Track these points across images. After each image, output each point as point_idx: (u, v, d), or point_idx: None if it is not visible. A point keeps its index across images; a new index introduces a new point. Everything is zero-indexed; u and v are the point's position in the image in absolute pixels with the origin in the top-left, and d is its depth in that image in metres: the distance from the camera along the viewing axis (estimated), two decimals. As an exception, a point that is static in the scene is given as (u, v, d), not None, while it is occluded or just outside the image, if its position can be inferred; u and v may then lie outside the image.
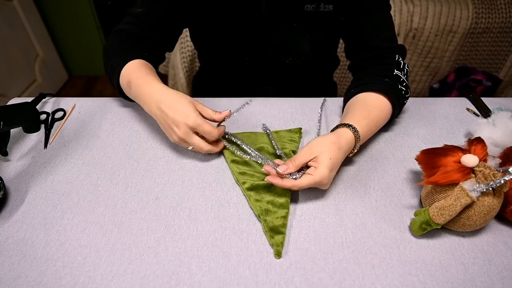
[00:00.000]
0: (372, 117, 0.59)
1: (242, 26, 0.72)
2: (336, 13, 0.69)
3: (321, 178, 0.49)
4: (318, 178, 0.49)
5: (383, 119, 0.63)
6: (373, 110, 0.60)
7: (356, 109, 0.61)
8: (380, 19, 0.70)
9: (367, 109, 0.60)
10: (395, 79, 0.64)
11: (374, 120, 0.60)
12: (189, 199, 0.54)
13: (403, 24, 1.59)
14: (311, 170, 0.51)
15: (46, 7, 2.11)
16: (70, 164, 0.60)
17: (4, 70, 1.85)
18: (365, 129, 0.57)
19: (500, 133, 0.58)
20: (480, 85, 1.70)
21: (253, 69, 0.81)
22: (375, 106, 0.61)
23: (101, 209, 0.52)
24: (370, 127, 0.59)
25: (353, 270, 0.44)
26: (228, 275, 0.44)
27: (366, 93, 0.63)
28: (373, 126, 0.60)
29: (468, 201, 0.44)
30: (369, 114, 0.59)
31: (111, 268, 0.45)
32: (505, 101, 0.75)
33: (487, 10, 1.60)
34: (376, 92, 0.63)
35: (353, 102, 0.64)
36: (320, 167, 0.50)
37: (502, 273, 0.44)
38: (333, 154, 0.51)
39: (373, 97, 0.62)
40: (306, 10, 0.68)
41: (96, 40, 2.24)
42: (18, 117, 0.61)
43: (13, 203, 0.54)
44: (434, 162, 0.49)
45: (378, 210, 0.52)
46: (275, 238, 0.47)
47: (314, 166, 0.51)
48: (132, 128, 0.68)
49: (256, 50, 0.76)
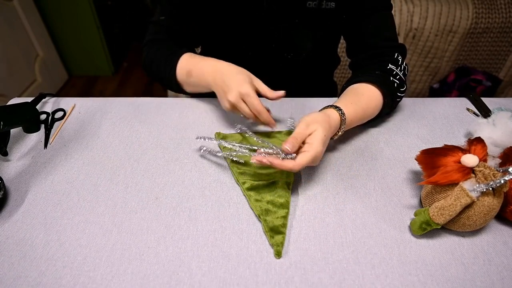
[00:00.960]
0: (361, 103, 0.61)
1: (244, 21, 0.73)
2: (338, 11, 0.70)
3: (316, 153, 0.50)
4: (314, 154, 0.50)
5: (373, 107, 0.64)
6: (362, 97, 0.62)
7: (346, 96, 0.63)
8: (381, 18, 0.70)
9: (356, 96, 0.63)
10: (387, 72, 0.66)
11: (363, 107, 0.62)
12: (189, 199, 0.54)
13: (403, 24, 1.59)
14: (307, 146, 0.51)
15: (46, 7, 2.11)
16: (70, 164, 0.60)
17: (4, 70, 1.85)
18: (352, 114, 0.59)
19: (500, 133, 0.58)
20: (480, 85, 1.70)
21: (255, 64, 0.81)
22: (364, 94, 0.63)
23: (101, 209, 0.52)
24: (357, 113, 0.60)
25: (353, 270, 0.44)
26: (228, 275, 0.44)
27: (358, 84, 0.66)
28: (361, 112, 0.61)
29: (468, 201, 0.44)
30: (358, 100, 0.61)
31: (111, 268, 0.45)
32: (505, 101, 0.75)
33: (487, 10, 1.60)
34: (366, 82, 0.65)
35: (344, 92, 0.66)
36: (315, 143, 0.51)
37: (502, 273, 0.44)
38: (326, 131, 0.53)
39: (363, 86, 0.65)
40: (309, 6, 0.68)
41: (96, 40, 2.24)
42: (18, 117, 0.61)
43: (13, 203, 0.54)
44: (434, 162, 0.49)
45: (378, 210, 0.52)
46: (275, 238, 0.47)
47: (308, 143, 0.51)
48: (132, 128, 0.68)
49: (258, 45, 0.77)
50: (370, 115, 0.64)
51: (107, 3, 2.26)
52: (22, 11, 1.94)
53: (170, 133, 0.67)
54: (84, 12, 2.11)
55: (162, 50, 0.74)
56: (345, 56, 0.79)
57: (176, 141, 0.65)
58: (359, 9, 0.69)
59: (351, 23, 0.72)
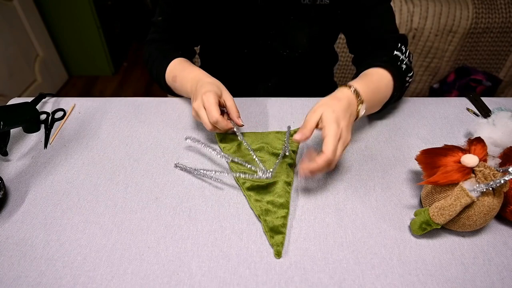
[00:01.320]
0: (372, 80, 0.62)
1: (239, 19, 0.73)
2: (333, 6, 0.70)
3: (333, 132, 0.49)
4: (333, 134, 0.49)
5: (384, 86, 0.63)
6: (372, 76, 0.63)
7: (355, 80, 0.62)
8: (381, 12, 0.71)
9: (366, 77, 0.63)
10: (394, 58, 0.67)
11: (375, 83, 0.61)
12: (189, 199, 0.54)
13: (403, 24, 1.59)
14: (323, 132, 0.51)
15: (46, 7, 2.11)
16: (70, 164, 0.60)
17: (4, 70, 1.85)
18: (363, 89, 0.57)
19: (500, 133, 0.58)
20: (480, 85, 1.70)
21: (251, 61, 0.82)
22: (373, 74, 0.63)
23: (101, 209, 0.52)
24: (369, 87, 0.59)
25: (353, 270, 0.44)
26: (228, 275, 0.44)
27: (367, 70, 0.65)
28: (374, 88, 0.60)
29: (468, 201, 0.44)
30: (368, 79, 0.62)
31: (111, 268, 0.45)
32: (505, 101, 0.75)
33: (487, 10, 1.60)
34: (375, 67, 0.65)
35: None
36: (327, 124, 0.50)
37: (502, 273, 0.44)
38: (334, 107, 0.52)
39: (372, 70, 0.64)
40: (303, 3, 0.69)
41: (96, 40, 2.24)
42: (18, 117, 0.61)
43: (13, 203, 0.54)
44: (434, 162, 0.49)
45: (378, 210, 0.52)
46: (275, 238, 0.47)
47: (321, 127, 0.51)
48: (132, 128, 0.68)
49: (254, 42, 0.77)
50: (383, 93, 0.63)
51: (107, 3, 2.26)
52: (22, 11, 1.94)
53: (170, 133, 0.67)
54: (84, 12, 2.11)
55: (157, 51, 0.75)
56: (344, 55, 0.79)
57: (176, 141, 0.65)
58: (357, 5, 0.69)
59: (351, 19, 0.72)
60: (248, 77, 0.85)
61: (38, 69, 2.12)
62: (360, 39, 0.74)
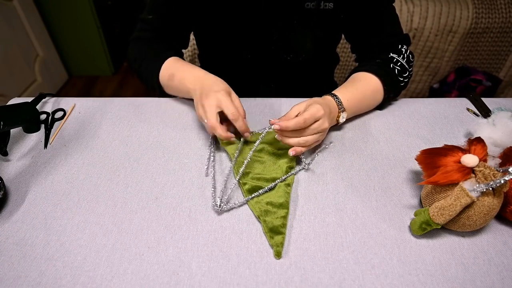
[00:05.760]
0: (357, 88, 0.66)
1: (242, 24, 0.73)
2: (336, 11, 0.70)
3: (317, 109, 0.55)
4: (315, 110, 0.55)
5: (370, 91, 0.67)
6: (359, 83, 0.66)
7: (342, 85, 0.67)
8: (384, 14, 0.71)
9: (353, 84, 0.67)
10: (388, 60, 0.69)
11: (360, 89, 0.66)
12: (189, 199, 0.54)
13: (403, 24, 1.59)
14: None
15: (46, 7, 2.11)
16: (70, 164, 0.60)
17: (4, 70, 1.85)
18: (348, 97, 0.63)
19: (500, 133, 0.58)
20: (480, 85, 1.70)
21: (254, 66, 0.81)
22: (361, 80, 0.67)
23: (101, 209, 0.52)
24: (354, 95, 0.65)
25: (353, 270, 0.44)
26: (228, 275, 0.44)
27: (356, 73, 0.69)
28: (359, 95, 0.65)
29: (468, 201, 0.44)
30: (354, 87, 0.66)
31: (111, 268, 0.45)
32: (505, 101, 0.75)
33: (487, 10, 1.60)
34: (364, 71, 0.68)
35: None
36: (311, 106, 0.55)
37: (502, 273, 0.44)
38: (319, 101, 0.58)
39: (360, 74, 0.69)
40: (307, 7, 0.68)
41: (96, 40, 2.24)
42: (18, 117, 0.61)
43: (13, 203, 0.54)
44: (434, 162, 0.49)
45: (378, 210, 0.52)
46: (274, 238, 0.47)
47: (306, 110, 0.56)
48: (132, 128, 0.68)
49: (257, 46, 0.77)
50: (369, 98, 0.67)
51: (107, 3, 2.25)
52: (22, 11, 1.94)
53: (170, 133, 0.67)
54: (84, 12, 2.11)
55: (147, 49, 0.74)
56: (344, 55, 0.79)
57: (176, 141, 0.65)
58: (359, 9, 0.69)
59: (353, 22, 0.72)
60: (250, 81, 0.85)
61: (38, 69, 2.12)
62: (362, 43, 0.75)
